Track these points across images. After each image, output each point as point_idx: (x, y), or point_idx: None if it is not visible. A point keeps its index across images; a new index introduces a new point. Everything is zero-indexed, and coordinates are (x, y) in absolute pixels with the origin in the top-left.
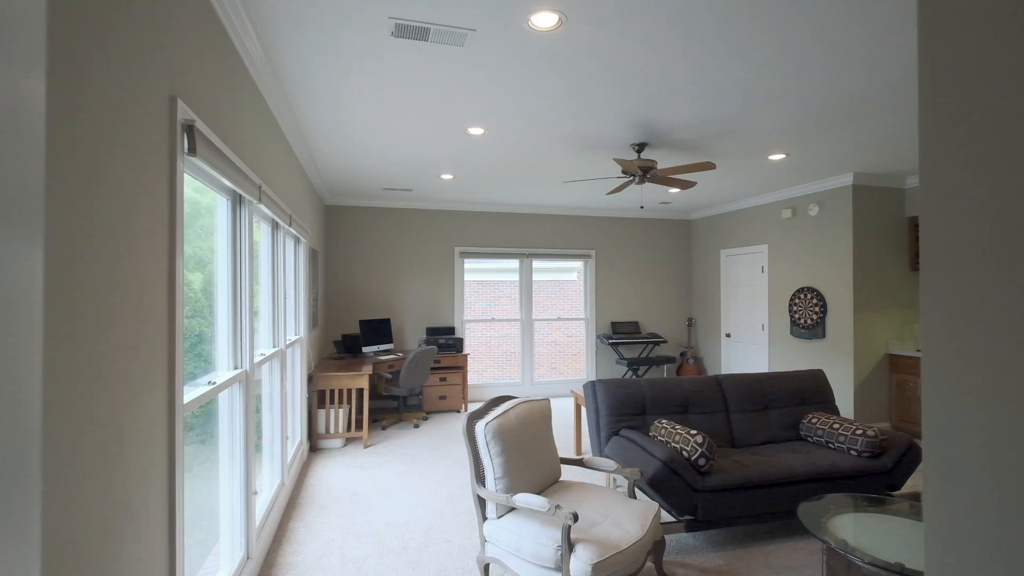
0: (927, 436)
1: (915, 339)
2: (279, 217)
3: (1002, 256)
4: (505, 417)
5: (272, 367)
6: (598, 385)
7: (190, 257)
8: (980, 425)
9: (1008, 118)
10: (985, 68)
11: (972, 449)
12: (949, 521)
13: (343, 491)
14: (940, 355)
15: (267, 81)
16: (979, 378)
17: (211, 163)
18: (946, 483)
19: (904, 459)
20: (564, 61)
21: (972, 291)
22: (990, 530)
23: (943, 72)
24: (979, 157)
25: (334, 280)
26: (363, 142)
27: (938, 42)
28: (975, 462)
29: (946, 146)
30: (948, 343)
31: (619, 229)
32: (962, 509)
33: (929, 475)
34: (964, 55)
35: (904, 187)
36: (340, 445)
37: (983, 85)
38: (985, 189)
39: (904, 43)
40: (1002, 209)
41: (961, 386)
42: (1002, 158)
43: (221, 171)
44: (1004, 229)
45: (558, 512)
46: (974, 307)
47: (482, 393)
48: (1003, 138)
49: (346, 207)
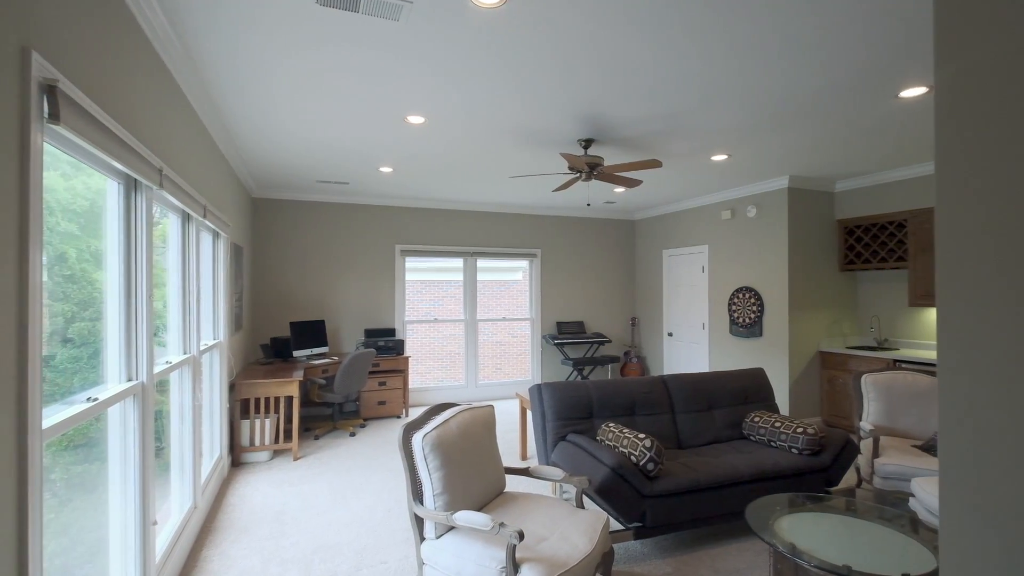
0: (943, 442)
1: (843, 336)
2: (190, 208)
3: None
4: (445, 427)
5: (182, 376)
6: (544, 389)
7: (97, 253)
8: (998, 429)
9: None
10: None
11: (989, 454)
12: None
13: (267, 510)
14: (957, 363)
15: (171, 51)
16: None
17: (87, 136)
18: (961, 485)
19: (841, 455)
20: (509, 43)
21: (987, 302)
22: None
23: (961, 84)
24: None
25: (262, 279)
26: (291, 129)
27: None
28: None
29: (962, 162)
30: (966, 351)
31: (565, 228)
32: (979, 514)
33: (945, 477)
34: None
35: (834, 191)
36: (266, 459)
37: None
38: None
39: (860, 36)
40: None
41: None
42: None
43: (103, 147)
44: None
45: (502, 530)
46: (989, 319)
47: (424, 397)
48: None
49: (276, 200)
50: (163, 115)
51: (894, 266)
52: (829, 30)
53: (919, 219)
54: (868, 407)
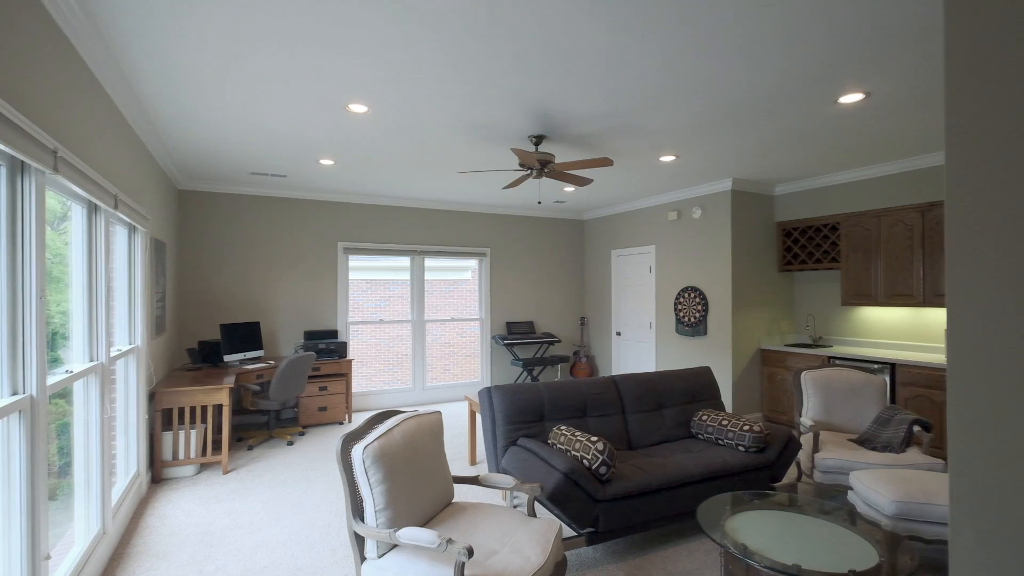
0: (952, 444)
1: (782, 334)
2: (98, 197)
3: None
4: (388, 437)
5: (88, 386)
6: (494, 392)
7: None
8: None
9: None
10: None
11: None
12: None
13: (191, 531)
14: (967, 367)
15: (70, 18)
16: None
17: None
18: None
19: (785, 452)
20: (455, 31)
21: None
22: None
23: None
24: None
25: (189, 278)
26: (219, 114)
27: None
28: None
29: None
30: (974, 353)
31: (515, 227)
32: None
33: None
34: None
35: (774, 194)
36: (192, 473)
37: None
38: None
39: (812, 38)
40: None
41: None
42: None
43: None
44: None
45: (450, 547)
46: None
47: (369, 401)
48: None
49: (205, 193)
50: (60, 91)
51: (828, 267)
52: (790, 28)
53: (851, 222)
54: (807, 403)
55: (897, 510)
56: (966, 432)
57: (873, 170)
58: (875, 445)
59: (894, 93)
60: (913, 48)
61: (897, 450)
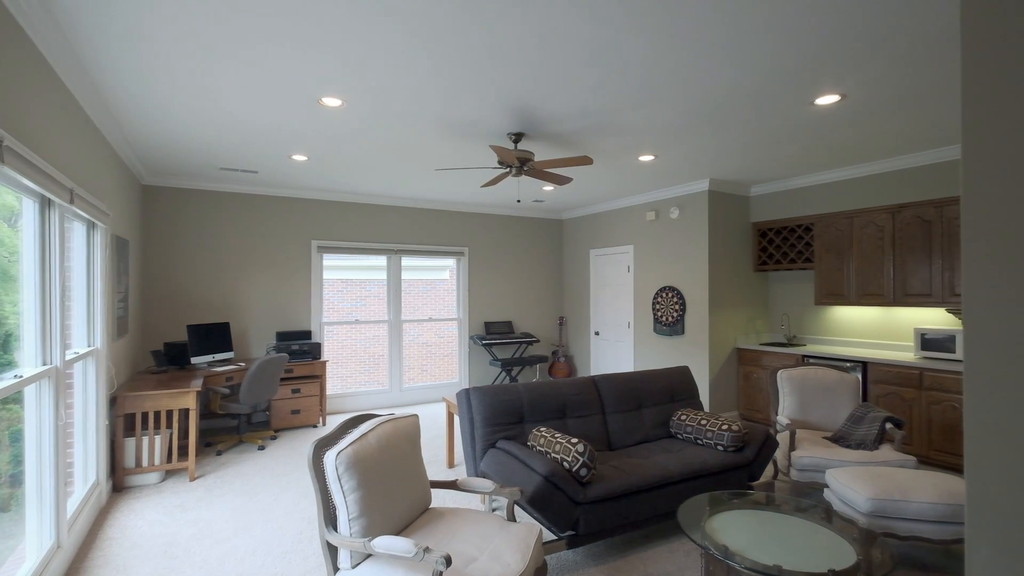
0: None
1: (757, 334)
2: (51, 191)
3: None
4: (363, 442)
5: (40, 392)
6: (473, 393)
7: None
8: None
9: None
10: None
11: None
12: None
13: (155, 542)
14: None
15: None
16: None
17: None
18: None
19: (763, 450)
20: (431, 22)
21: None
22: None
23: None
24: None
25: (155, 277)
26: (185, 106)
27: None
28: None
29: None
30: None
31: (493, 226)
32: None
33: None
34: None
35: (749, 195)
36: (157, 480)
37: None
38: None
39: (793, 34)
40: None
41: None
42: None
43: None
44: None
45: (427, 556)
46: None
47: (344, 404)
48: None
49: (172, 189)
50: (6, 76)
51: (802, 267)
52: (776, 22)
53: (825, 223)
54: (783, 401)
55: (872, 507)
56: (983, 435)
57: (846, 172)
58: (849, 443)
59: (868, 96)
60: (887, 50)
61: (871, 447)
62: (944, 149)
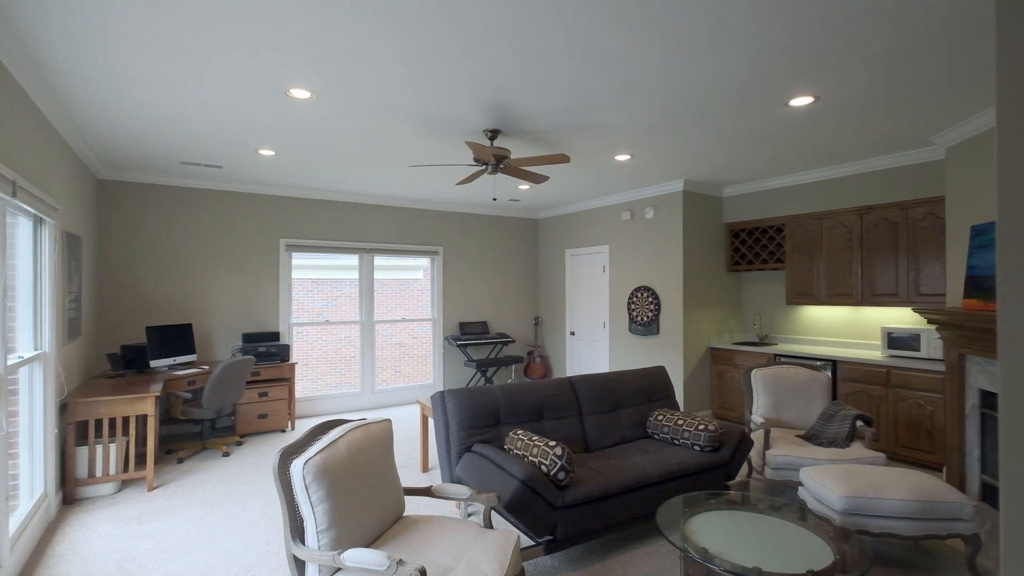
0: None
1: (730, 333)
2: None
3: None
4: (332, 450)
5: None
6: (448, 396)
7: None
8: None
9: None
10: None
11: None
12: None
13: (108, 558)
14: None
15: None
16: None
17: None
18: None
19: (739, 450)
20: (402, 13)
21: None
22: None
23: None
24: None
25: (111, 276)
26: (141, 94)
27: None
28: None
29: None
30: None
31: (468, 225)
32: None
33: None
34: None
35: (722, 196)
36: (112, 491)
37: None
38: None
39: (773, 33)
40: None
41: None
42: None
43: None
44: None
45: (400, 569)
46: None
47: (315, 407)
48: None
49: (129, 183)
50: None
51: (773, 267)
52: (755, 20)
53: (795, 224)
54: (757, 400)
55: (846, 505)
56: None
57: (816, 174)
58: (822, 441)
59: (841, 98)
60: (861, 53)
61: (842, 445)
62: (911, 152)
